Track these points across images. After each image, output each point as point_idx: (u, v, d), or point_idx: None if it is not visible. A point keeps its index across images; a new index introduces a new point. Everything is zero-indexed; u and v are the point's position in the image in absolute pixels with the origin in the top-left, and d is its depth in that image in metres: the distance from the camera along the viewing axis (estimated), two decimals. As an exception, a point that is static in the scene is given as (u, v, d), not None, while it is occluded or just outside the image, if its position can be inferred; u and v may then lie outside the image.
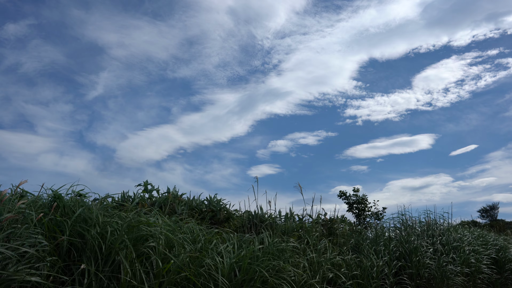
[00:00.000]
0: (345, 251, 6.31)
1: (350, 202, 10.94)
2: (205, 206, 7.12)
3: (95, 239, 3.56)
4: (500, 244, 9.38)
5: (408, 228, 8.03)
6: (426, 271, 6.79)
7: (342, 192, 11.23)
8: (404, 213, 8.51)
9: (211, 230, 5.22)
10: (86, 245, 3.55)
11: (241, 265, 4.36)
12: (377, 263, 6.10)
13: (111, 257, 3.58)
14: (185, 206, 6.65)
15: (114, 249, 3.59)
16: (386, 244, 6.97)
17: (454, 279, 6.93)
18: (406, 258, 6.83)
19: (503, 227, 16.04)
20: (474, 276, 7.64)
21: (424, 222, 8.66)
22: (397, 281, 6.51)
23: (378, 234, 7.54)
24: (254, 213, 6.91)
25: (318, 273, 5.19)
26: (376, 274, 6.00)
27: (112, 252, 3.59)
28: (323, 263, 5.36)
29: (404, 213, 8.54)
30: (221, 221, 6.77)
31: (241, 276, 4.29)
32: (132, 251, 3.64)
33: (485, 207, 33.61)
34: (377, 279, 5.97)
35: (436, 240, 7.74)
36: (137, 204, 6.19)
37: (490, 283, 8.17)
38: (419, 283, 6.71)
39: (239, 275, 4.29)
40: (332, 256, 5.70)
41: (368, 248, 6.63)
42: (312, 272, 5.15)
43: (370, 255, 6.30)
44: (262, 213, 7.04)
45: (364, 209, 10.76)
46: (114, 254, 3.59)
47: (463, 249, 7.85)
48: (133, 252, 3.68)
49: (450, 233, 8.34)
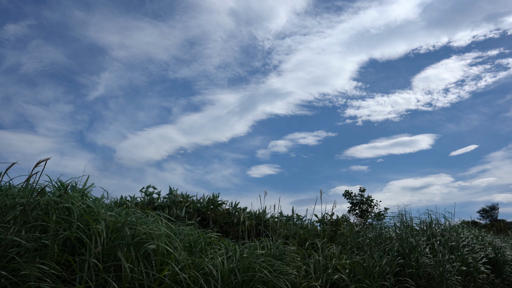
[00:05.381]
0: (348, 251, 6.32)
1: (353, 202, 10.98)
2: (211, 205, 7.04)
3: (100, 234, 3.57)
4: (498, 245, 9.38)
5: (408, 228, 8.04)
6: (426, 270, 6.80)
7: (347, 192, 11.25)
8: (404, 213, 8.54)
9: (212, 235, 5.23)
10: (91, 239, 3.56)
11: (240, 268, 4.37)
12: (379, 263, 6.12)
13: (111, 256, 3.60)
14: (192, 207, 6.60)
15: (113, 247, 3.60)
16: (387, 243, 6.99)
17: (453, 279, 6.94)
18: (406, 257, 6.84)
19: (503, 228, 16.05)
20: (474, 276, 7.65)
21: (425, 222, 8.67)
22: (397, 281, 6.52)
23: (380, 233, 7.56)
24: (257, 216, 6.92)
25: (321, 276, 5.18)
26: (378, 274, 6.01)
27: (112, 251, 3.60)
28: (328, 265, 5.36)
29: (404, 212, 8.57)
30: (234, 225, 6.69)
31: (241, 277, 4.30)
32: (132, 251, 3.66)
33: (485, 208, 33.62)
34: (378, 279, 5.98)
35: (436, 240, 7.76)
36: (136, 205, 6.20)
37: (489, 283, 8.18)
38: (419, 283, 6.72)
39: (239, 276, 4.30)
40: (338, 259, 5.68)
41: (371, 248, 6.65)
42: (317, 274, 5.15)
43: (374, 255, 6.32)
44: (266, 217, 7.04)
45: (367, 209, 10.80)
46: (113, 255, 3.61)
47: (462, 249, 7.86)
48: (133, 252, 3.69)
49: (449, 232, 8.35)
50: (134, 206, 5.94)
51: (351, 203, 10.99)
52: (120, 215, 4.10)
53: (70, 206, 3.69)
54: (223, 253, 4.48)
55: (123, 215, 4.13)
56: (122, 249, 3.66)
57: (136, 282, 3.59)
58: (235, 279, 4.29)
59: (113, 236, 3.69)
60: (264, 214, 7.13)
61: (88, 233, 3.62)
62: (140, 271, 3.65)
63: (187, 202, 6.72)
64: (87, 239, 3.56)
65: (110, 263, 3.58)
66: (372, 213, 10.72)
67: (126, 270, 3.51)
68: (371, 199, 10.92)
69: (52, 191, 4.22)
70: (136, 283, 3.59)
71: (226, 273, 4.20)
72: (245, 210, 7.10)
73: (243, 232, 6.34)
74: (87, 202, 4.02)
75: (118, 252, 3.61)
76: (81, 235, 3.49)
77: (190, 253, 4.30)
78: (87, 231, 3.62)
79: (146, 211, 4.87)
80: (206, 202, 7.03)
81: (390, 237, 7.58)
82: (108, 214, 3.88)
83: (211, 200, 7.13)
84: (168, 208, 6.30)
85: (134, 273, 3.62)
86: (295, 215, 7.75)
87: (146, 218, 4.37)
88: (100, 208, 3.99)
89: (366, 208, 10.80)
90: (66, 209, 3.73)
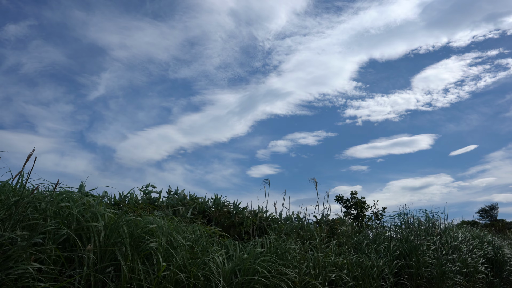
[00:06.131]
0: (346, 251, 6.30)
1: (347, 205, 10.93)
2: (216, 206, 7.06)
3: (98, 233, 3.54)
4: (497, 245, 9.37)
5: (408, 228, 8.03)
6: (426, 270, 6.78)
7: (338, 197, 11.14)
8: (404, 213, 8.52)
9: (213, 233, 5.21)
10: (89, 238, 3.54)
11: (241, 268, 4.35)
12: (377, 263, 6.10)
13: (108, 254, 3.57)
14: (196, 209, 6.59)
15: (110, 246, 3.57)
16: (386, 243, 6.97)
17: (453, 279, 6.92)
18: (406, 257, 6.83)
19: (502, 227, 16.04)
20: (474, 276, 7.64)
21: (424, 222, 8.66)
22: (397, 281, 6.51)
23: (378, 233, 7.54)
24: (257, 214, 6.90)
25: (321, 274, 5.17)
26: (377, 274, 5.99)
27: (108, 250, 3.58)
28: (326, 264, 5.35)
29: (403, 212, 8.55)
30: (235, 224, 6.71)
31: (241, 278, 4.28)
32: (128, 249, 3.62)
33: (485, 208, 33.65)
34: (377, 279, 5.96)
35: (436, 239, 7.74)
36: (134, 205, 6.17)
37: (488, 283, 8.17)
38: (419, 283, 6.71)
39: (240, 276, 4.28)
40: (335, 257, 5.68)
41: (369, 248, 6.62)
42: (315, 272, 5.14)
43: (371, 255, 6.30)
44: (267, 215, 7.02)
45: (362, 211, 10.75)
46: (110, 253, 3.58)
47: (461, 249, 7.85)
48: (129, 251, 3.66)
49: (449, 232, 8.34)
50: (134, 205, 5.92)
51: (345, 207, 10.96)
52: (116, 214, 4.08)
53: (67, 205, 3.67)
54: (223, 253, 4.45)
55: (119, 213, 4.10)
56: (120, 248, 3.63)
57: (134, 282, 3.57)
58: (236, 280, 4.27)
59: (111, 234, 3.66)
60: (262, 211, 7.14)
61: (86, 231, 3.60)
62: (139, 270, 3.62)
63: (193, 203, 6.74)
64: (86, 237, 3.54)
65: (108, 262, 3.55)
66: (365, 214, 10.69)
67: (124, 270, 3.49)
68: (363, 201, 10.87)
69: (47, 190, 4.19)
70: (135, 283, 3.57)
71: (227, 273, 4.18)
72: (245, 209, 7.10)
73: (244, 233, 6.35)
74: (87, 199, 4.00)
75: (116, 251, 3.58)
76: (73, 237, 3.46)
77: (191, 254, 4.28)
78: (85, 229, 3.60)
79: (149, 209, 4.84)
80: (212, 203, 7.12)
81: (389, 237, 7.56)
82: (107, 211, 3.85)
83: (214, 201, 7.24)
84: (172, 207, 6.28)
85: (133, 273, 3.60)
86: (295, 215, 7.74)
87: (148, 217, 4.35)
88: (99, 207, 3.96)
89: (359, 210, 10.76)
90: (63, 207, 3.70)
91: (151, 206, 5.84)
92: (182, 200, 6.70)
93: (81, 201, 3.91)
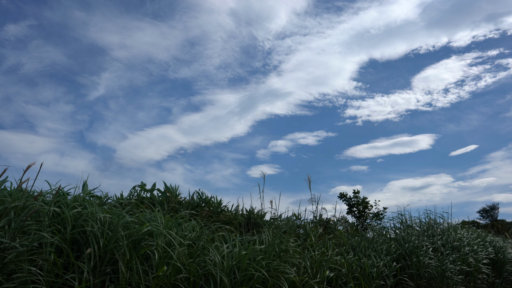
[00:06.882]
0: (345, 251, 6.29)
1: (350, 204, 10.94)
2: (199, 202, 7.21)
3: (96, 236, 3.53)
4: (498, 245, 9.34)
5: (408, 228, 8.00)
6: (426, 271, 6.77)
7: (342, 194, 11.21)
8: (404, 213, 8.51)
9: (212, 228, 5.20)
10: (87, 241, 3.53)
11: (240, 266, 4.34)
12: (377, 264, 6.08)
13: (108, 256, 3.57)
14: (187, 207, 6.65)
15: (109, 248, 3.57)
16: (386, 244, 6.95)
17: (454, 279, 6.90)
18: (406, 258, 6.81)
19: (503, 228, 16.01)
20: (474, 276, 7.62)
21: (425, 222, 8.64)
22: (397, 281, 6.49)
23: (378, 234, 7.52)
24: (251, 212, 6.92)
25: (319, 273, 5.17)
26: (377, 274, 5.98)
27: (108, 251, 3.57)
28: (323, 263, 5.34)
29: (404, 213, 8.54)
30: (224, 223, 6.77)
31: (240, 277, 4.27)
32: (126, 251, 3.61)
33: (485, 208, 33.59)
34: (377, 279, 5.95)
35: (436, 240, 7.72)
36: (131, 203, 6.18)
37: (489, 283, 8.14)
38: (420, 283, 6.69)
39: (238, 275, 4.27)
40: (333, 256, 5.67)
41: (369, 248, 6.61)
42: (313, 270, 5.13)
43: (371, 255, 6.28)
44: (262, 213, 7.05)
45: (364, 210, 10.75)
46: (109, 254, 3.58)
47: (463, 249, 7.83)
48: (127, 252, 3.66)
49: (450, 233, 8.32)
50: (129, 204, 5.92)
51: (348, 205, 10.97)
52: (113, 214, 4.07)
53: (62, 211, 3.66)
54: (223, 250, 4.43)
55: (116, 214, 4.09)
56: (119, 250, 3.62)
57: (133, 282, 3.56)
58: (234, 278, 4.26)
59: (109, 237, 3.65)
60: (256, 211, 7.23)
61: (84, 236, 3.59)
62: (137, 271, 3.61)
63: (210, 206, 6.89)
64: (82, 241, 3.53)
65: (106, 266, 3.54)
66: (369, 214, 10.69)
67: (123, 272, 3.48)
68: (367, 201, 10.88)
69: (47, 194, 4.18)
70: (134, 283, 3.56)
71: (226, 272, 4.17)
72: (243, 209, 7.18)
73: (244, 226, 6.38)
74: (85, 204, 3.99)
75: (115, 253, 3.58)
76: (69, 242, 3.45)
77: (190, 255, 4.27)
78: (82, 234, 3.59)
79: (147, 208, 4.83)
80: (216, 207, 7.31)
81: (389, 238, 7.55)
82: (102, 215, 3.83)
83: (219, 204, 7.51)
84: (190, 207, 6.38)
85: (132, 275, 3.59)
86: (294, 215, 7.76)
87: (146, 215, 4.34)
88: (96, 209, 3.95)
89: (362, 209, 10.77)
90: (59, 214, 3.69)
91: (145, 206, 5.86)
92: (200, 202, 6.86)
93: (76, 203, 3.89)
